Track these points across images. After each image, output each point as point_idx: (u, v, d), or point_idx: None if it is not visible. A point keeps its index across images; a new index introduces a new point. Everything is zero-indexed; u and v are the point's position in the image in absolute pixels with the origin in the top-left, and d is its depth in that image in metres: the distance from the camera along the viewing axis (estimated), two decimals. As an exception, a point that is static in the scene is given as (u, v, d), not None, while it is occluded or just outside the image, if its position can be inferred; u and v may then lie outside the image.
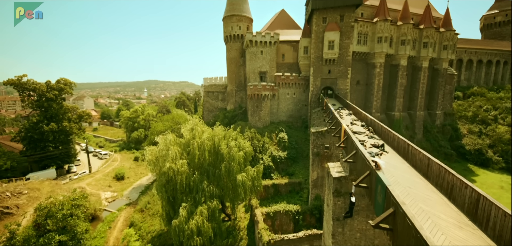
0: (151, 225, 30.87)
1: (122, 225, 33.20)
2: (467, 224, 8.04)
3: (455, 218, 8.39)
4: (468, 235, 7.43)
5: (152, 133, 41.83)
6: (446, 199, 9.59)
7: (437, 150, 48.58)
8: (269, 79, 46.16)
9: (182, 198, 22.44)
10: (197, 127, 26.08)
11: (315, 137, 27.07)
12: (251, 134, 38.77)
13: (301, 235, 22.25)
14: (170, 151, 23.08)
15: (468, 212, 8.35)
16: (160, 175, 23.20)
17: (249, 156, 27.80)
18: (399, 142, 14.81)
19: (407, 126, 49.69)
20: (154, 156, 24.14)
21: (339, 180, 15.66)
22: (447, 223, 8.07)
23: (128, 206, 38.34)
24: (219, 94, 57.14)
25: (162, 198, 23.49)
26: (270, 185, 32.71)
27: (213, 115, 56.58)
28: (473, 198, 8.14)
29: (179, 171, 22.35)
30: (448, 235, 7.40)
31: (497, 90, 58.54)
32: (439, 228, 7.77)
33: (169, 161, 22.74)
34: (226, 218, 29.79)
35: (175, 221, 21.09)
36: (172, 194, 23.06)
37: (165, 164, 22.76)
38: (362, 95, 47.45)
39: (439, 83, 52.00)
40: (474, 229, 7.74)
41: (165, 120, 44.06)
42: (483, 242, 7.06)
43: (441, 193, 10.06)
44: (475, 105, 55.56)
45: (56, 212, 21.06)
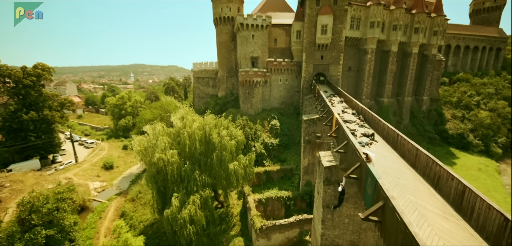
0: (143, 215, 30.74)
1: (113, 215, 32.86)
2: (452, 214, 8.31)
3: (440, 208, 8.65)
4: (452, 226, 7.69)
5: (140, 121, 40.43)
6: (432, 190, 9.85)
7: (422, 135, 50.59)
8: (261, 64, 45.14)
9: (173, 188, 22.20)
10: (187, 116, 25.33)
11: (306, 125, 27.13)
12: (243, 122, 38.41)
13: (292, 220, 22.90)
14: (159, 141, 22.42)
15: (453, 203, 8.62)
16: (150, 165, 22.68)
17: (241, 145, 27.66)
18: (389, 132, 15.00)
19: (394, 112, 50.96)
20: (142, 147, 23.43)
21: (330, 169, 15.88)
22: (433, 214, 8.30)
23: (119, 195, 37.81)
24: (210, 80, 55.57)
25: (153, 189, 23.16)
26: (262, 172, 33.06)
27: (204, 101, 55.32)
28: (459, 190, 8.36)
29: (170, 162, 21.91)
30: (434, 226, 7.61)
31: (481, 76, 60.62)
32: (425, 219, 7.98)
33: (158, 151, 22.16)
34: (219, 205, 30.11)
35: (167, 211, 21.00)
36: (162, 184, 22.75)
37: (155, 155, 22.19)
38: (353, 81, 47.68)
39: (427, 69, 52.96)
40: (459, 220, 8.02)
41: (153, 108, 42.55)
42: (466, 233, 7.33)
43: (428, 183, 10.32)
44: (460, 91, 57.52)
45: (41, 206, 20.29)
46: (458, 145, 49.09)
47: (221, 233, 26.07)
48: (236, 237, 25.34)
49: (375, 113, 45.54)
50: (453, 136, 50.06)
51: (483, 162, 43.09)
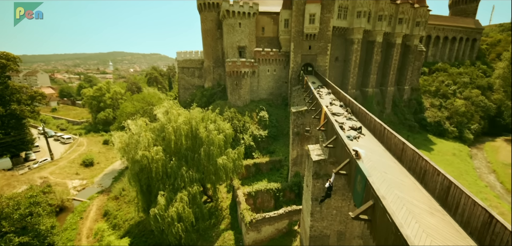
0: (127, 213, 29.61)
1: (95, 215, 31.34)
2: (437, 209, 8.49)
3: (426, 203, 8.80)
4: (438, 221, 7.83)
5: (120, 115, 38.01)
6: (418, 184, 10.01)
7: (403, 123, 52.98)
8: (249, 54, 43.95)
9: (159, 186, 21.35)
10: (172, 110, 24.08)
11: (295, 116, 27.03)
12: (231, 114, 37.60)
13: (282, 212, 23.11)
14: (141, 137, 21.18)
15: (439, 198, 8.80)
16: (132, 163, 21.49)
17: (230, 138, 27.08)
18: (375, 125, 15.12)
19: (378, 101, 52.60)
20: (124, 143, 22.05)
21: (318, 163, 15.91)
22: (420, 209, 8.42)
23: (101, 194, 36.03)
24: (196, 71, 53.42)
25: (136, 188, 22.12)
26: (252, 164, 32.90)
27: (189, 93, 53.33)
28: (445, 185, 8.51)
29: (154, 159, 20.88)
30: (421, 223, 7.71)
31: (458, 66, 63.90)
32: (413, 216, 8.07)
33: (141, 148, 20.98)
34: (208, 199, 29.71)
35: (153, 210, 20.24)
36: (146, 182, 21.77)
37: (138, 152, 20.99)
38: (340, 72, 48.14)
39: (409, 60, 54.72)
40: (444, 215, 8.21)
41: (135, 100, 40.09)
42: (451, 229, 7.50)
43: (414, 177, 10.48)
44: (438, 80, 60.40)
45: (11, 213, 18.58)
46: (435, 132, 52.04)
47: (211, 228, 25.87)
48: (226, 231, 25.27)
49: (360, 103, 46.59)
50: (431, 123, 52.90)
51: (457, 147, 46.22)
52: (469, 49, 69.84)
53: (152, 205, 21.39)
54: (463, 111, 51.54)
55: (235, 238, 24.35)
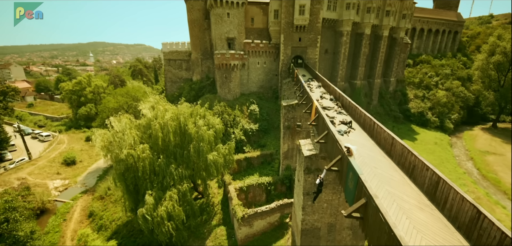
0: (114, 213, 28.58)
1: (79, 216, 30.00)
2: (426, 204, 8.63)
3: (416, 198, 8.92)
4: (428, 216, 7.95)
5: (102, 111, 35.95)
6: (407, 179, 10.15)
7: (388, 114, 54.65)
8: (238, 46, 42.85)
9: (146, 185, 20.58)
10: (158, 106, 23.00)
11: (286, 110, 26.86)
12: (221, 108, 36.82)
13: (274, 206, 23.23)
14: (126, 135, 20.11)
15: (427, 192, 8.94)
16: (117, 163, 20.45)
17: (220, 134, 26.53)
18: (365, 120, 15.21)
19: (366, 93, 53.71)
20: (106, 142, 20.86)
21: (310, 158, 15.89)
22: (410, 205, 8.53)
23: (85, 194, 34.46)
24: (183, 63, 51.50)
25: (122, 188, 21.20)
26: (243, 158, 32.66)
27: (177, 86, 51.54)
28: (433, 180, 8.64)
29: (141, 157, 19.99)
30: (411, 219, 7.80)
31: (440, 58, 66.33)
32: (403, 212, 8.15)
33: (126, 147, 19.96)
34: (199, 196, 29.29)
35: (141, 210, 19.52)
36: (133, 182, 20.89)
37: (122, 151, 19.97)
38: (330, 64, 48.37)
39: (395, 52, 55.93)
40: (432, 210, 8.36)
41: (118, 95, 37.95)
42: (440, 224, 7.64)
43: (403, 172, 10.61)
44: (422, 72, 62.48)
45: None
46: (418, 122, 54.18)
47: (203, 224, 25.60)
48: (218, 227, 25.10)
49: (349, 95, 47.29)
50: (414, 114, 54.93)
51: (439, 136, 48.52)
52: (451, 41, 72.59)
53: (140, 204, 20.66)
54: (444, 102, 53.92)
55: (227, 234, 24.28)
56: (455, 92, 55.84)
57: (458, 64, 64.05)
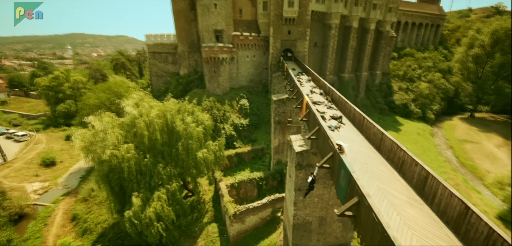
0: (99, 215, 27.40)
1: (62, 220, 28.47)
2: (415, 199, 8.77)
3: (405, 194, 9.05)
4: (417, 212, 8.07)
5: (82, 108, 33.77)
6: (396, 174, 10.27)
7: (375, 106, 56.21)
8: (226, 39, 41.67)
9: (133, 186, 19.72)
10: (143, 103, 21.87)
11: (276, 105, 26.64)
12: (210, 104, 35.92)
13: (265, 201, 23.26)
14: (109, 135, 18.98)
15: (416, 187, 9.09)
16: (99, 164, 19.36)
17: (210, 130, 25.89)
18: (355, 114, 15.29)
19: (353, 86, 54.73)
20: (87, 142, 19.60)
21: (301, 154, 15.84)
22: (400, 201, 8.63)
23: (67, 196, 32.69)
24: (169, 56, 49.47)
25: (106, 190, 20.20)
26: (234, 154, 32.29)
27: (163, 81, 49.61)
28: (422, 176, 8.77)
29: (125, 158, 19.02)
30: (402, 215, 7.89)
31: (423, 51, 68.69)
32: (394, 208, 8.23)
33: (109, 147, 18.88)
34: (189, 193, 28.70)
35: (128, 212, 18.76)
36: (118, 183, 19.94)
37: (105, 151, 18.88)
38: (319, 57, 48.51)
39: (381, 45, 57.06)
40: (421, 205, 8.50)
41: (100, 91, 35.70)
42: (429, 219, 7.79)
43: (392, 167, 10.73)
44: (406, 65, 64.50)
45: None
46: (402, 113, 56.24)
47: (194, 222, 25.21)
48: (209, 224, 24.85)
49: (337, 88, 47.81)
50: (398, 106, 56.89)
51: (421, 127, 50.75)
52: (433, 34, 75.25)
53: (127, 206, 19.85)
54: (426, 94, 56.23)
55: (219, 230, 24.11)
56: (437, 84, 58.34)
57: (439, 57, 66.74)
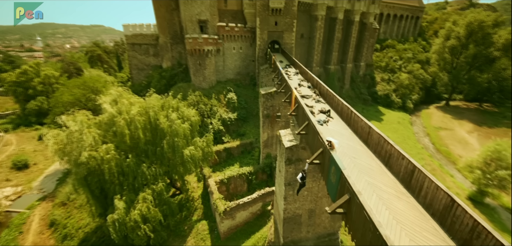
0: (80, 219, 25.86)
1: (39, 227, 26.52)
2: (402, 192, 8.98)
3: (393, 187, 9.23)
4: (405, 205, 8.26)
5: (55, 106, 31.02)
6: (384, 167, 10.44)
7: (359, 97, 57.99)
8: (211, 30, 40.02)
9: (115, 189, 18.64)
10: (122, 99, 20.40)
11: (264, 99, 26.28)
12: (196, 98, 34.69)
13: (255, 196, 23.23)
14: (85, 135, 17.57)
15: (403, 180, 9.29)
16: (76, 167, 17.97)
17: (196, 126, 25.02)
18: (343, 108, 15.39)
19: (339, 78, 55.80)
20: (61, 144, 18.04)
21: (291, 149, 15.78)
22: (388, 194, 8.79)
23: (43, 200, 30.41)
24: (150, 48, 46.74)
25: (86, 194, 18.95)
26: (222, 149, 31.75)
27: (145, 74, 47.00)
28: (409, 169, 8.96)
29: (105, 159, 17.80)
30: (391, 209, 8.02)
31: (403, 42, 71.33)
32: (383, 202, 8.35)
33: (86, 148, 17.53)
34: (177, 192, 27.93)
35: (112, 216, 17.77)
36: (99, 186, 18.75)
37: (83, 153, 17.52)
38: (305, 49, 48.53)
39: (365, 37, 58.34)
40: (408, 197, 8.71)
41: (74, 87, 32.84)
42: (416, 211, 7.98)
43: (379, 160, 10.92)
44: (387, 56, 66.76)
45: None
46: (384, 103, 58.61)
47: (183, 221, 24.66)
48: (199, 222, 24.45)
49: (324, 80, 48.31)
50: (381, 96, 59.16)
51: (401, 116, 53.30)
52: (413, 26, 78.27)
53: (110, 209, 18.81)
54: (406, 84, 58.89)
55: (209, 227, 23.82)
56: (416, 74, 61.20)
57: (418, 48, 69.80)
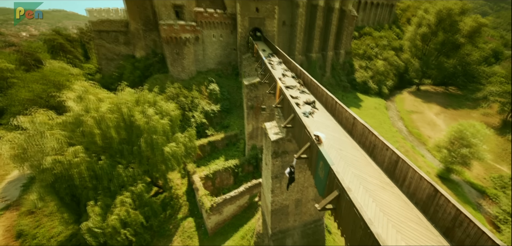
0: (52, 227, 23.62)
1: (4, 239, 23.66)
2: (387, 182, 9.14)
3: (378, 178, 9.37)
4: (390, 196, 8.41)
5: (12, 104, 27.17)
6: (368, 158, 10.56)
7: (339, 84, 59.55)
8: (188, 16, 37.42)
9: (88, 194, 17.06)
10: (88, 95, 18.25)
11: (248, 89, 25.55)
12: (175, 90, 32.70)
13: (242, 189, 22.99)
14: (46, 138, 15.52)
15: (387, 170, 9.47)
16: (40, 173, 15.99)
17: (177, 120, 23.65)
18: (327, 99, 15.33)
19: (320, 66, 56.49)
20: (19, 149, 15.79)
21: (277, 143, 15.53)
22: (374, 186, 8.89)
23: (7, 210, 27.15)
24: (120, 35, 42.57)
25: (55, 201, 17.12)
26: (206, 143, 30.73)
27: (116, 65, 43.01)
28: (393, 160, 9.12)
29: (74, 163, 16.01)
30: (377, 201, 8.12)
31: (379, 30, 73.93)
32: (369, 194, 8.44)
33: (50, 153, 15.56)
34: (160, 190, 26.66)
35: (86, 223, 16.32)
36: (68, 192, 16.99)
37: (45, 158, 15.54)
38: (288, 37, 47.94)
39: (344, 24, 59.18)
40: (392, 187, 8.90)
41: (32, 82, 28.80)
42: (401, 201, 8.15)
43: (364, 151, 11.04)
44: (365, 44, 68.87)
45: None
46: (362, 90, 60.96)
47: (167, 220, 23.72)
48: (185, 219, 23.72)
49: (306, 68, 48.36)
50: (359, 83, 61.33)
51: (377, 102, 56.07)
52: (388, 13, 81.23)
53: (84, 215, 17.27)
54: (382, 71, 61.67)
55: (196, 224, 23.26)
56: (390, 61, 64.23)
57: (393, 35, 72.94)
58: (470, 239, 6.08)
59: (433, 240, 6.78)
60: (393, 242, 6.73)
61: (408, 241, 6.77)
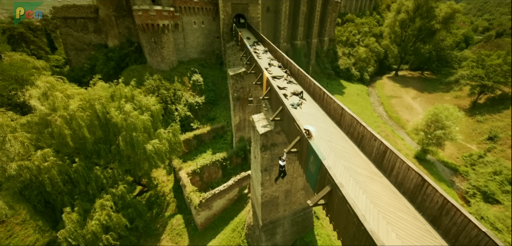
0: (27, 236, 21.76)
1: (-36, 256, 21.46)
2: (375, 172, 9.22)
3: (366, 168, 9.42)
4: (378, 186, 8.50)
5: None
6: (357, 149, 10.59)
7: (323, 72, 60.22)
8: (165, 0, 34.75)
9: (63, 200, 15.69)
10: (55, 92, 16.31)
11: (234, 80, 24.64)
12: (155, 82, 30.73)
13: (231, 182, 22.66)
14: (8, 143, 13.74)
15: (375, 161, 9.55)
16: (6, 181, 14.30)
17: (159, 115, 22.28)
18: (315, 89, 15.12)
19: (305, 53, 56.37)
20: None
21: (265, 136, 15.18)
22: (363, 177, 8.92)
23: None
24: (89, 23, 38.70)
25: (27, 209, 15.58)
26: (192, 137, 29.64)
27: (86, 55, 39.30)
28: (381, 150, 9.17)
29: (43, 168, 14.46)
30: (367, 192, 8.16)
31: (361, 16, 74.96)
32: (359, 185, 8.46)
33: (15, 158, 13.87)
34: (145, 189, 25.51)
35: (63, 231, 15.11)
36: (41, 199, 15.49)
37: (10, 165, 13.85)
38: (272, 24, 46.83)
39: (328, 11, 59.03)
40: (381, 177, 9.01)
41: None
42: (389, 191, 8.28)
43: (352, 142, 11.06)
44: (348, 30, 69.66)
45: None
46: (345, 77, 62.29)
47: (154, 219, 22.89)
48: (173, 217, 23.07)
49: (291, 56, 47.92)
50: (342, 70, 62.50)
51: (360, 88, 57.75)
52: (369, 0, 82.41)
53: (61, 222, 15.98)
54: (363, 57, 63.19)
55: (185, 221, 22.74)
56: (371, 47, 65.91)
57: (373, 22, 74.48)
58: (456, 227, 6.26)
59: (421, 229, 6.94)
60: (384, 233, 6.78)
61: (398, 231, 6.86)
